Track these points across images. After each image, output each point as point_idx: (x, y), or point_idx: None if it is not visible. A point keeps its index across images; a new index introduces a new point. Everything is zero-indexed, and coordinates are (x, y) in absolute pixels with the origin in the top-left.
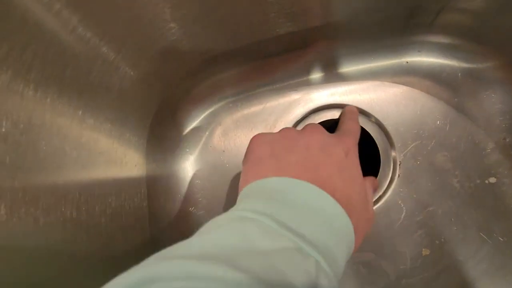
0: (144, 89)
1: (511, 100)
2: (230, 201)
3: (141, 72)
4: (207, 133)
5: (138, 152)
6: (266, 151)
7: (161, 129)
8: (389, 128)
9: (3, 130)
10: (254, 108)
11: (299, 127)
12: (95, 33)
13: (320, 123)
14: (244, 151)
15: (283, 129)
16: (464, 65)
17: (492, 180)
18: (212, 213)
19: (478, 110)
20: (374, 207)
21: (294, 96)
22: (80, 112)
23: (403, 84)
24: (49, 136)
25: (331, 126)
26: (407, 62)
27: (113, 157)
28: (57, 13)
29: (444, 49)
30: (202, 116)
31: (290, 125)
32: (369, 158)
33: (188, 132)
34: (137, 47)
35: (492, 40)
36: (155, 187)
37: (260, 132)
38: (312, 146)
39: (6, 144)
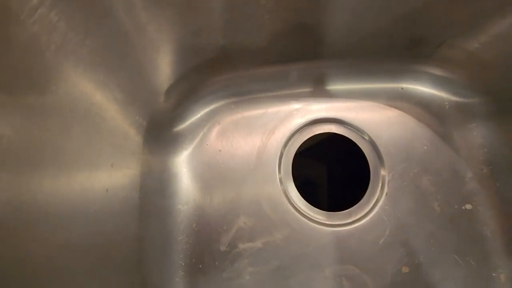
0: (153, 74)
1: (491, 135)
2: (221, 202)
3: (154, 57)
4: (205, 130)
5: (137, 138)
6: None
7: (160, 120)
8: (381, 148)
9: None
10: (255, 112)
11: (295, 137)
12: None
13: (315, 135)
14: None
15: None
16: (452, 98)
17: (468, 206)
18: (202, 213)
19: (461, 141)
20: (362, 222)
21: (295, 105)
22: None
23: (397, 108)
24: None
25: (327, 138)
26: (402, 88)
27: (115, 138)
28: None
29: (437, 81)
30: (202, 112)
31: (288, 133)
32: (360, 174)
33: (186, 127)
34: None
35: (482, 79)
36: (148, 180)
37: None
38: None
39: None
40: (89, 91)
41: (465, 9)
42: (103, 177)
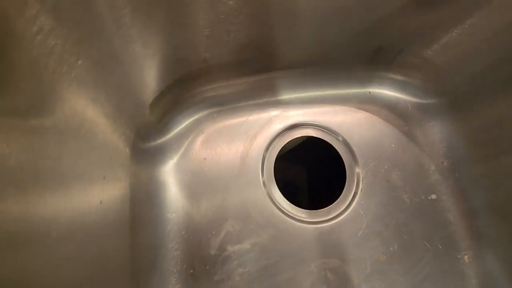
0: (139, 89)
1: (448, 131)
2: (208, 208)
3: (140, 72)
4: (189, 139)
5: (126, 150)
6: None
7: (146, 132)
8: (354, 148)
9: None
10: (237, 120)
11: (276, 142)
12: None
13: (294, 139)
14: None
15: None
16: (413, 99)
17: (434, 196)
18: (191, 220)
19: (423, 137)
20: (341, 217)
21: (274, 112)
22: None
23: (366, 110)
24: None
25: (305, 141)
26: (369, 93)
27: (105, 151)
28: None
29: (399, 85)
30: (186, 123)
31: (268, 138)
32: (337, 173)
33: (171, 137)
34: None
35: (436, 82)
36: (136, 190)
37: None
38: None
39: None
40: (81, 108)
41: (417, 22)
42: (97, 189)
